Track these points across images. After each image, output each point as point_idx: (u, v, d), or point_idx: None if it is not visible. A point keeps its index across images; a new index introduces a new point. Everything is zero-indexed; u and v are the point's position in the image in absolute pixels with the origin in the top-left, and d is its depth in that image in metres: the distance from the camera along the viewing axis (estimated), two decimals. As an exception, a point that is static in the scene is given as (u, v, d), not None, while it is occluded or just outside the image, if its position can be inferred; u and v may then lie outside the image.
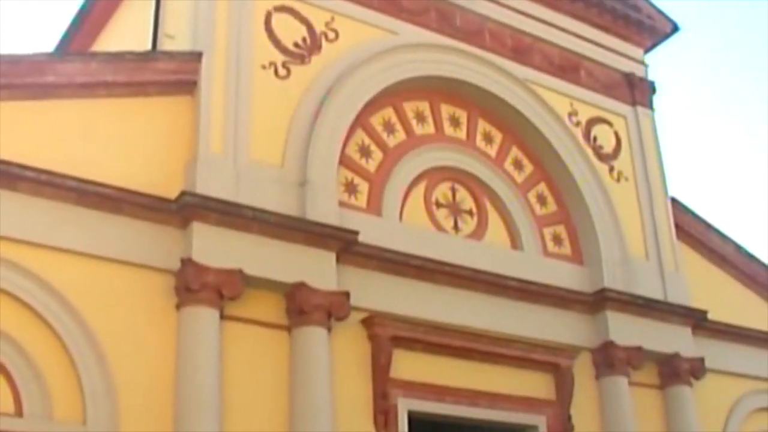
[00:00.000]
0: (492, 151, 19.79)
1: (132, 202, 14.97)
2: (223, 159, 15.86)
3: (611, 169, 21.17)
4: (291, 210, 16.06)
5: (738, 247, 22.70)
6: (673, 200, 21.79)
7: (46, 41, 47.40)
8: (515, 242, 19.26)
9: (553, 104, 20.66)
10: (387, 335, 16.51)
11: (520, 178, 19.95)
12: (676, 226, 21.51)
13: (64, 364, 14.00)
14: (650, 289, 20.06)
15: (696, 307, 20.49)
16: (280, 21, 17.60)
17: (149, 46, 18.28)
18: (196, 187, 15.31)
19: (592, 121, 21.41)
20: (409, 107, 18.97)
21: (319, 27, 18.03)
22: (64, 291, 14.21)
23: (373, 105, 18.20)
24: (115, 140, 15.44)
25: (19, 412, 13.57)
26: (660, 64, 30.21)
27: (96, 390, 13.99)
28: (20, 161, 14.23)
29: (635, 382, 19.29)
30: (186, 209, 15.11)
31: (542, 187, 20.23)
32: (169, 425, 14.35)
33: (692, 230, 22.18)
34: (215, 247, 15.16)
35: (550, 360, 18.43)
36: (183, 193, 15.15)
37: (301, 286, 15.60)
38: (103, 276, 14.62)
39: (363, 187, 17.66)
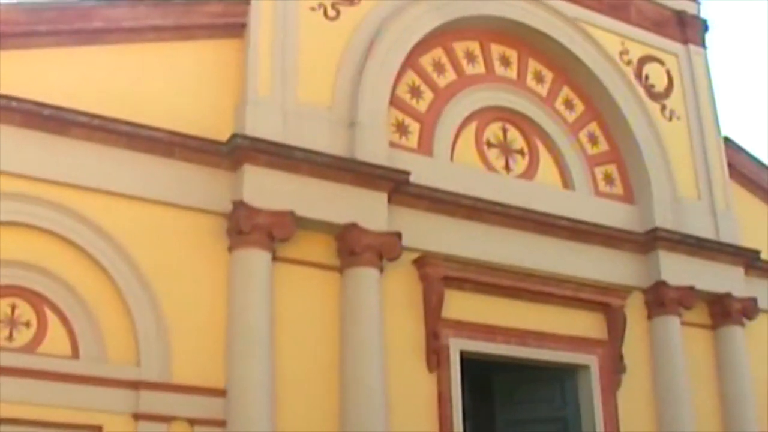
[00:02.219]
0: (543, 90, 19.62)
1: (182, 145, 15.01)
2: (273, 101, 15.82)
3: (663, 107, 20.92)
4: (341, 151, 16.06)
5: (792, 186, 22.43)
6: (726, 139, 21.53)
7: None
8: (566, 182, 19.15)
9: (604, 43, 20.38)
10: (438, 275, 16.50)
11: (571, 117, 19.77)
12: (729, 165, 21.23)
13: (117, 307, 14.18)
14: (702, 229, 19.89)
15: (748, 247, 20.29)
16: (329, -38, 17.50)
17: (197, -11, 18.26)
18: (246, 129, 15.32)
19: (644, 60, 21.14)
20: (459, 47, 18.78)
21: (368, -33, 17.90)
22: (117, 234, 14.34)
23: (422, 45, 18.04)
24: (164, 84, 15.47)
25: (75, 355, 13.79)
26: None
27: (149, 332, 14.17)
28: (71, 106, 14.32)
29: (687, 322, 19.19)
30: (236, 151, 15.14)
31: (593, 127, 20.03)
32: (220, 366, 14.51)
33: (745, 169, 21.93)
34: (266, 189, 15.19)
35: (601, 300, 18.36)
36: (233, 136, 15.17)
37: (352, 227, 15.61)
38: (155, 219, 14.73)
39: (414, 127, 17.57)
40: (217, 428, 14.23)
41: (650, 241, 19.08)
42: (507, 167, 18.56)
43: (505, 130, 18.85)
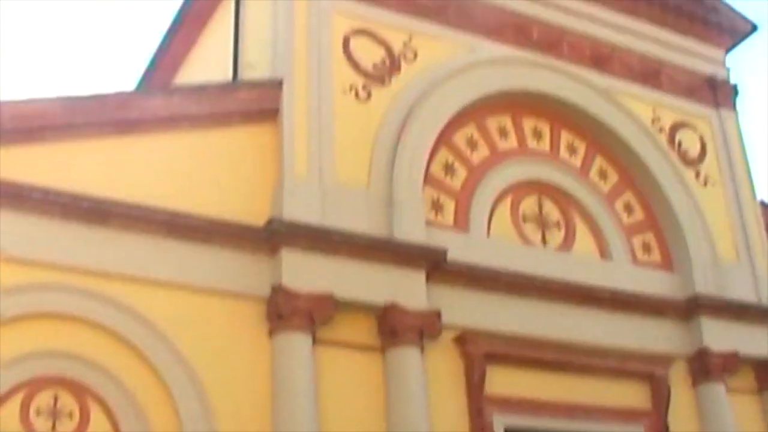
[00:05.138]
0: (576, 161, 19.68)
1: (221, 232, 15.14)
2: (309, 183, 15.96)
3: (697, 173, 20.93)
4: (378, 231, 16.13)
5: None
6: (762, 203, 21.48)
7: (129, 78, 48.17)
8: (604, 252, 19.09)
9: (636, 111, 20.49)
10: (480, 352, 16.45)
11: (606, 187, 19.79)
12: (766, 228, 21.15)
13: (161, 396, 14.18)
14: (743, 293, 19.78)
15: (791, 309, 20.11)
16: (358, 44, 17.68)
17: (230, 76, 18.48)
18: (283, 213, 15.44)
19: (676, 126, 21.20)
20: (492, 122, 18.91)
21: (397, 47, 18.07)
22: (158, 322, 14.40)
23: (455, 122, 18.18)
24: (201, 171, 15.62)
25: (118, 445, 13.78)
26: (740, 64, 29.81)
27: (194, 420, 14.15)
28: (110, 197, 14.48)
29: (732, 388, 18.98)
30: (274, 236, 15.24)
31: (629, 195, 20.04)
32: (268, 451, 14.47)
33: (784, 233, 21.83)
34: (305, 272, 15.25)
35: (644, 369, 18.25)
36: (271, 220, 15.29)
37: (393, 306, 15.63)
38: (196, 305, 14.80)
39: (449, 204, 17.63)
40: None
41: (692, 308, 18.97)
42: (544, 240, 18.57)
43: (540, 203, 18.87)
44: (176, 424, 14.10)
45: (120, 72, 50.98)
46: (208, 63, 20.88)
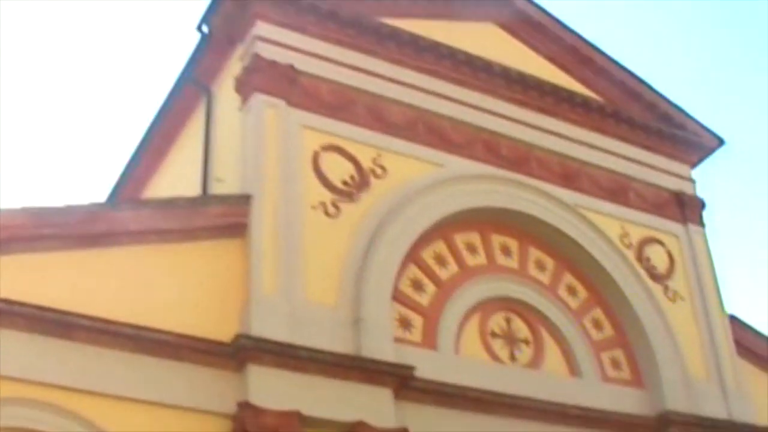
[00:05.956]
0: (545, 278, 19.72)
1: (188, 347, 15.04)
2: (277, 300, 15.91)
3: (666, 289, 20.99)
4: (346, 348, 16.04)
5: (802, 362, 22.31)
6: (732, 317, 21.52)
7: (99, 191, 48.32)
8: (573, 369, 19.02)
9: (604, 227, 20.62)
10: (447, 470, 16.31)
11: (574, 303, 19.81)
12: (736, 343, 21.18)
13: None
14: (714, 410, 19.71)
15: (761, 425, 20.03)
16: (327, 160, 17.78)
17: (199, 190, 18.52)
18: (251, 329, 15.36)
19: (644, 242, 21.32)
20: (460, 239, 18.96)
21: (366, 164, 18.18)
22: (122, 438, 14.18)
23: (423, 239, 18.22)
24: (168, 286, 15.57)
25: None
26: (708, 178, 30.08)
27: None
28: (75, 310, 14.38)
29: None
30: (241, 352, 15.14)
31: (598, 312, 20.05)
32: None
33: (753, 347, 21.84)
34: (272, 389, 15.13)
35: (617, 490, 18.13)
36: (238, 336, 15.20)
37: (360, 424, 15.46)
38: (161, 422, 14.60)
39: (417, 321, 17.58)
40: None
41: (663, 424, 18.88)
42: (512, 357, 18.49)
43: (509, 320, 18.85)
44: None
45: (90, 185, 51.09)
46: (178, 177, 20.99)
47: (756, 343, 21.98)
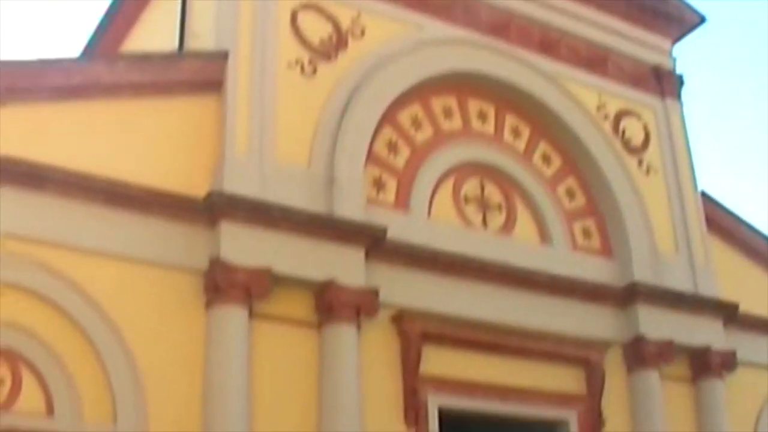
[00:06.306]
0: (520, 145, 19.70)
1: (160, 203, 15.01)
2: (250, 158, 15.86)
3: (640, 162, 21.03)
4: (319, 207, 16.06)
5: (769, 240, 22.53)
6: (703, 194, 21.63)
7: (74, 44, 47.68)
8: (544, 236, 19.15)
9: (581, 97, 20.57)
10: (416, 332, 16.47)
11: (548, 171, 19.84)
12: (706, 219, 21.34)
13: (93, 365, 14.09)
14: (681, 283, 19.93)
15: (727, 300, 20.31)
16: (306, 18, 17.54)
17: (176, 45, 18.31)
18: (224, 186, 15.34)
19: (621, 114, 21.28)
20: (437, 103, 18.86)
21: (345, 24, 17.94)
22: (93, 292, 14.28)
23: (400, 101, 18.12)
24: (142, 141, 15.48)
25: (50, 412, 13.66)
26: (687, 55, 29.99)
27: (125, 390, 14.08)
28: (48, 162, 14.31)
29: (666, 375, 19.15)
30: (214, 208, 15.14)
31: (571, 181, 20.10)
32: (197, 423, 14.42)
33: (722, 223, 22.01)
34: (243, 246, 15.17)
35: (580, 355, 18.36)
36: (210, 193, 15.19)
37: (330, 283, 15.59)
38: (132, 277, 14.68)
39: (391, 183, 17.61)
40: (194, 487, 14.13)
41: (629, 295, 19.08)
42: (485, 223, 18.57)
43: (482, 186, 18.86)
44: (108, 392, 14.02)
45: (65, 40, 50.41)
46: (154, 32, 20.69)
47: (726, 221, 22.13)
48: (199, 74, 16.27)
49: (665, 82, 22.23)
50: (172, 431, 14.22)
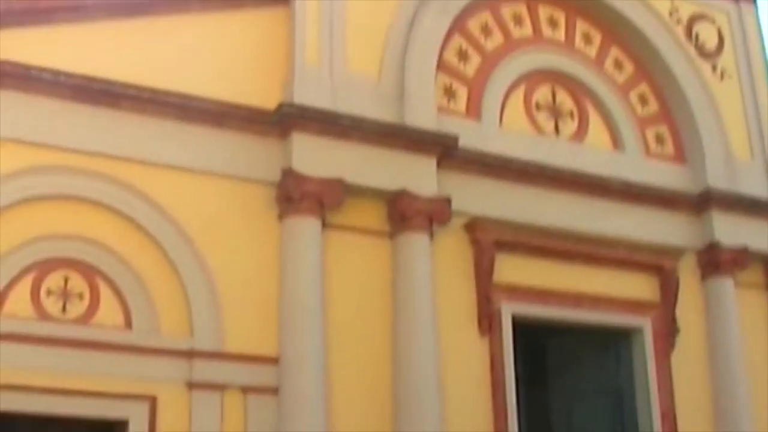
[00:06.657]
0: (592, 51, 19.41)
1: (232, 115, 15.07)
2: (320, 70, 15.81)
3: (714, 67, 20.64)
4: (390, 117, 16.01)
5: None
6: (779, 97, 21.27)
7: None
8: (617, 143, 18.93)
9: (653, 2, 20.14)
10: (489, 239, 16.46)
11: (620, 78, 19.54)
12: (781, 124, 21.00)
13: (169, 278, 14.30)
14: (756, 188, 19.64)
15: (803, 206, 20.02)
16: (373, -72, 17.36)
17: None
18: (294, 97, 15.35)
19: (694, 18, 20.85)
20: (507, 10, 18.60)
21: (414, -67, 17.73)
22: (168, 206, 14.44)
23: (470, 9, 17.92)
24: (213, 54, 15.48)
25: (128, 326, 13.94)
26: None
27: (201, 302, 14.29)
28: (121, 79, 14.40)
29: (741, 282, 18.97)
30: (285, 120, 15.17)
31: (644, 87, 19.77)
32: (273, 334, 14.62)
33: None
34: (315, 156, 15.21)
35: (653, 262, 18.24)
36: (282, 104, 15.21)
37: (402, 192, 15.62)
38: (206, 190, 14.82)
39: (462, 91, 17.46)
40: (270, 396, 14.33)
41: (703, 201, 18.88)
42: (556, 130, 18.40)
43: (554, 93, 18.66)
44: (184, 306, 14.23)
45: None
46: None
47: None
48: (268, -14, 16.21)
49: (739, -15, 21.75)
50: (247, 342, 14.46)
